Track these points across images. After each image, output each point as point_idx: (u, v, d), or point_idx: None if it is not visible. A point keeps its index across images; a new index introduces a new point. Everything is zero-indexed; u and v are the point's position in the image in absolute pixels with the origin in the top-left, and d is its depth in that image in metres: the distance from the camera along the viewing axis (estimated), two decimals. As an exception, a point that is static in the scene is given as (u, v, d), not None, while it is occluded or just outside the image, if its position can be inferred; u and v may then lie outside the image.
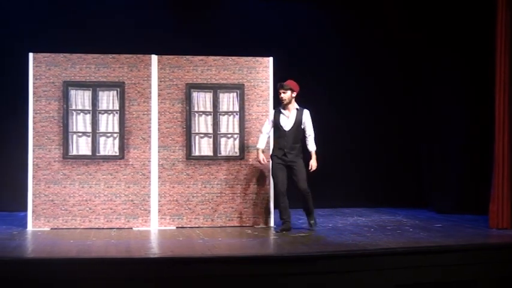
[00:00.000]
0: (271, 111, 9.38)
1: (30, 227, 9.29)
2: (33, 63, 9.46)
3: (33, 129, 9.43)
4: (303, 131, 9.18)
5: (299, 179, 9.11)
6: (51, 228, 9.33)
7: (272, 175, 9.34)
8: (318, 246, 7.83)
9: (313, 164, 9.22)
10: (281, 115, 9.13)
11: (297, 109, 9.15)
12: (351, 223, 9.99)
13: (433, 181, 11.80)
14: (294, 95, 9.09)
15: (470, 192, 11.07)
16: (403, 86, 12.40)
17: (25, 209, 9.53)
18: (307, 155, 9.29)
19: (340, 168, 12.18)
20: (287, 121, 9.10)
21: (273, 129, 9.28)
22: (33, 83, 9.45)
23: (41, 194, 9.39)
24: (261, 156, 9.28)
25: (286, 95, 9.04)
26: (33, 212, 9.36)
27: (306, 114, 9.20)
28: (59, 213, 9.40)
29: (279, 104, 9.24)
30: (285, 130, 9.09)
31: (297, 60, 11.90)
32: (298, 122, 9.11)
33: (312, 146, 9.26)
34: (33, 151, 9.41)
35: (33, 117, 9.44)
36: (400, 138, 12.44)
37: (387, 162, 12.38)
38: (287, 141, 9.06)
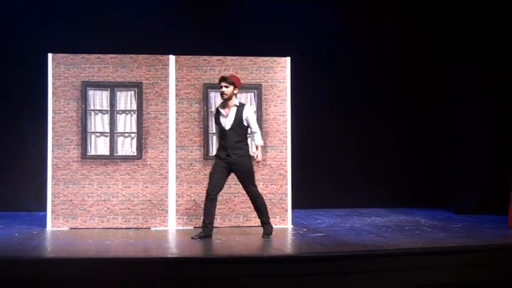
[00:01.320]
0: (214, 112, 8.84)
1: (49, 227, 9.35)
2: (52, 63, 9.51)
3: (52, 129, 9.48)
4: (247, 128, 8.51)
5: (246, 183, 8.50)
6: (70, 228, 9.38)
7: (209, 174, 8.67)
8: (336, 246, 7.80)
9: (258, 155, 8.50)
10: (220, 114, 8.51)
11: (236, 106, 8.45)
12: (368, 223, 9.96)
13: (452, 181, 11.72)
14: (236, 91, 8.48)
15: (491, 192, 11.00)
16: (422, 86, 12.34)
17: (44, 209, 9.58)
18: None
19: (357, 168, 12.17)
20: (226, 120, 8.44)
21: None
22: (53, 83, 9.50)
23: (59, 194, 9.44)
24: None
25: (228, 90, 8.39)
26: (52, 211, 9.41)
27: (247, 110, 8.49)
28: (78, 213, 9.44)
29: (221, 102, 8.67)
30: (225, 129, 8.45)
31: (314, 60, 11.89)
32: (239, 119, 8.39)
33: (258, 141, 8.53)
34: (52, 151, 9.46)
35: (52, 118, 9.49)
36: (419, 138, 12.39)
37: (405, 162, 12.33)
38: (229, 141, 8.39)
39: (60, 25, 11.27)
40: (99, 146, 9.61)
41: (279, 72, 9.90)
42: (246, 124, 8.47)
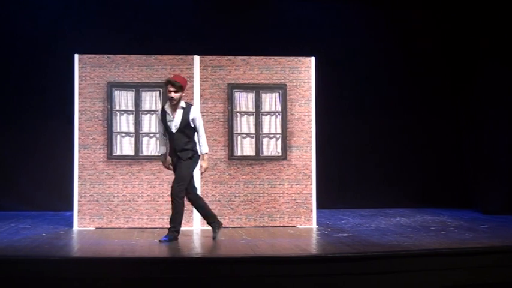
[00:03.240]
0: (159, 112, 8.50)
1: (75, 227, 9.42)
2: (79, 64, 9.59)
3: (79, 129, 9.55)
4: (194, 129, 8.24)
5: (175, 179, 8.19)
6: (96, 228, 9.44)
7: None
8: (361, 246, 7.77)
9: (203, 165, 8.29)
10: (166, 115, 8.20)
11: (183, 107, 8.17)
12: (394, 223, 9.90)
13: (479, 181, 11.62)
14: (184, 94, 8.22)
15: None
16: (447, 85, 12.27)
17: (71, 209, 9.67)
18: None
19: (383, 168, 12.11)
20: (173, 122, 8.16)
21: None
22: (79, 84, 9.57)
23: (86, 194, 9.51)
24: (167, 163, 8.43)
25: (177, 95, 8.08)
26: (78, 211, 9.48)
27: (194, 111, 8.21)
28: (103, 212, 9.50)
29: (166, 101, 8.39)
30: (172, 132, 8.18)
31: (338, 59, 11.85)
32: (186, 120, 8.13)
33: (204, 149, 8.27)
34: (79, 151, 9.53)
35: (79, 118, 9.56)
36: (444, 138, 12.30)
37: (430, 162, 12.25)
38: (177, 144, 8.15)
39: (86, 26, 11.35)
40: (125, 146, 9.67)
41: (303, 72, 9.89)
42: (193, 125, 8.20)
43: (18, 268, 6.68)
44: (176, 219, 8.21)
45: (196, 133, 8.26)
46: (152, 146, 9.71)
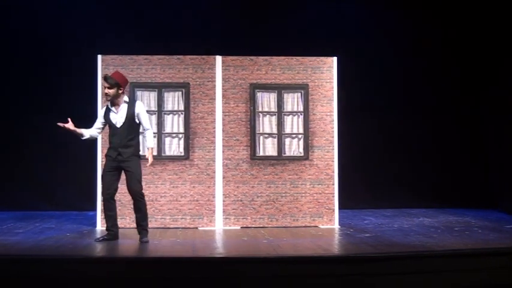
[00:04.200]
0: (103, 109, 8.36)
1: (99, 226, 9.47)
2: (102, 64, 9.64)
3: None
4: (138, 125, 8.17)
5: (131, 180, 8.05)
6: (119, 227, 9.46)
7: (101, 177, 8.51)
8: (384, 247, 7.73)
9: (149, 158, 8.13)
10: (110, 112, 8.13)
11: (126, 102, 8.11)
12: (417, 224, 9.85)
13: (504, 182, 11.51)
14: (121, 91, 8.06)
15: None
16: (470, 85, 12.17)
17: (94, 208, 9.72)
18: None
19: (406, 168, 12.05)
20: (117, 117, 8.07)
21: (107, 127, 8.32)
22: (102, 85, 9.61)
23: (108, 194, 9.55)
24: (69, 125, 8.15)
25: (111, 91, 7.98)
26: (101, 211, 9.50)
27: (139, 106, 8.14)
28: (126, 212, 9.53)
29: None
30: (116, 127, 8.08)
31: (361, 59, 11.81)
32: (131, 116, 8.04)
33: (149, 143, 8.20)
34: (102, 152, 9.57)
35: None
36: (468, 138, 12.21)
37: (454, 162, 12.17)
38: (120, 139, 8.03)
39: (109, 27, 11.41)
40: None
41: (325, 72, 9.87)
42: (137, 121, 8.13)
43: (43, 267, 6.73)
44: (147, 217, 8.21)
45: (142, 129, 8.21)
46: (174, 146, 9.75)
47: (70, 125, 8.15)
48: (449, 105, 12.22)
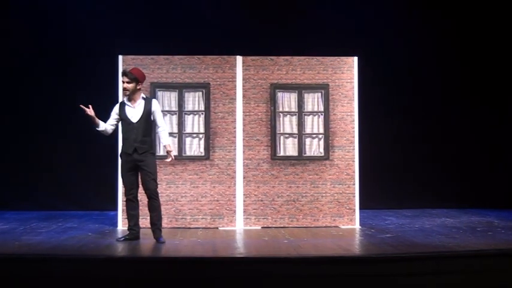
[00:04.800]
0: (117, 104, 8.41)
1: (120, 226, 9.51)
2: (123, 65, 9.68)
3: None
4: (153, 123, 8.27)
5: (147, 179, 8.09)
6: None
7: (121, 177, 8.46)
8: (405, 247, 7.70)
9: (171, 154, 8.23)
10: (126, 107, 8.19)
11: (144, 98, 8.21)
12: (438, 224, 9.79)
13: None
14: (139, 86, 8.16)
15: None
16: (492, 85, 12.08)
17: (115, 208, 9.77)
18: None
19: (427, 168, 11.99)
20: (134, 112, 8.15)
21: (120, 123, 8.41)
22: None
23: (129, 194, 9.60)
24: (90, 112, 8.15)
25: (130, 85, 8.07)
26: (123, 210, 9.56)
27: (155, 104, 8.22)
28: (146, 213, 9.52)
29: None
30: (132, 122, 8.13)
31: (381, 59, 11.77)
32: (147, 112, 8.13)
33: (165, 140, 8.27)
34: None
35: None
36: (490, 138, 12.12)
37: (476, 162, 12.08)
38: (136, 134, 8.08)
39: (129, 26, 11.47)
40: (173, 146, 9.72)
41: (346, 72, 9.85)
42: (152, 118, 8.20)
43: (65, 267, 6.78)
44: (161, 217, 8.25)
45: (156, 127, 8.28)
46: (195, 147, 9.77)
47: (91, 111, 8.16)
48: (470, 106, 12.13)
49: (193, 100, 9.79)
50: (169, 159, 8.28)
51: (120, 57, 9.75)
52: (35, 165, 11.58)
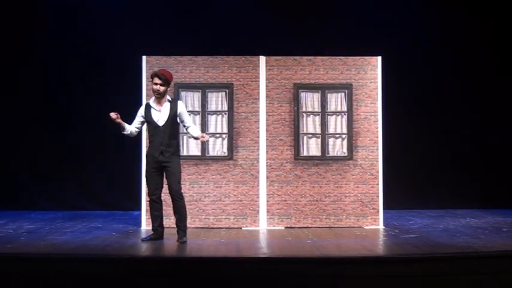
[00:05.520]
0: (142, 106, 8.41)
1: (143, 226, 9.56)
2: (146, 65, 9.74)
3: (147, 130, 9.67)
4: (178, 125, 8.27)
5: (172, 180, 8.09)
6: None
7: (145, 177, 8.43)
8: (429, 247, 7.66)
9: (204, 135, 8.18)
10: (152, 110, 8.18)
11: (169, 101, 8.19)
12: (463, 225, 9.71)
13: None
14: (169, 88, 8.25)
15: None
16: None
17: (139, 208, 9.82)
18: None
19: (451, 168, 11.91)
20: (160, 115, 8.13)
21: (145, 125, 8.44)
22: (147, 85, 9.72)
23: (153, 194, 9.64)
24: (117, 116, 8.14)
25: (163, 88, 8.07)
26: (146, 211, 9.61)
27: (181, 106, 8.23)
28: (170, 213, 9.53)
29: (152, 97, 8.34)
30: (158, 125, 8.12)
31: (406, 58, 11.70)
32: (173, 115, 8.13)
33: (197, 132, 8.26)
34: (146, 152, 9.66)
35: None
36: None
37: (501, 162, 11.97)
38: (163, 138, 8.09)
39: (153, 27, 11.52)
40: (191, 147, 9.76)
41: (369, 72, 9.81)
42: (179, 120, 8.21)
43: (90, 266, 6.83)
44: (186, 218, 8.21)
45: (184, 127, 8.31)
46: (218, 147, 9.79)
47: (118, 118, 8.17)
48: (496, 105, 12.02)
49: (217, 100, 9.81)
50: (206, 138, 8.18)
51: (144, 57, 9.79)
52: (60, 165, 11.67)
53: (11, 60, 11.76)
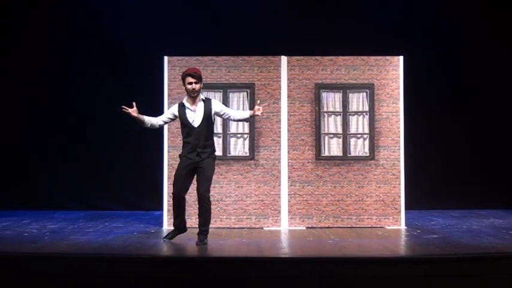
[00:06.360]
0: (176, 105, 8.17)
1: (165, 226, 9.58)
2: (168, 66, 9.77)
3: (168, 130, 9.72)
4: (213, 125, 8.13)
5: (203, 183, 7.89)
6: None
7: (174, 175, 8.14)
8: (452, 248, 7.60)
9: (259, 107, 7.95)
10: (187, 110, 7.95)
11: (203, 100, 7.97)
12: (487, 225, 9.63)
13: None
14: (202, 85, 8.02)
15: None
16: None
17: (161, 208, 9.85)
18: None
19: (474, 168, 11.82)
20: (195, 116, 7.91)
21: (180, 126, 8.19)
22: (168, 86, 9.75)
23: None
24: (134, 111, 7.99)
25: (198, 86, 7.87)
26: (168, 211, 9.64)
27: (216, 104, 8.02)
28: (192, 213, 9.54)
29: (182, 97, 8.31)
30: (194, 127, 7.90)
31: (428, 58, 11.63)
32: (208, 114, 7.91)
33: (246, 112, 8.14)
34: (168, 153, 9.69)
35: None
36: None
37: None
38: (199, 139, 7.87)
39: (175, 28, 11.55)
40: (218, 147, 9.76)
41: (391, 72, 9.77)
42: (213, 120, 8.06)
43: (112, 266, 6.87)
44: (209, 222, 8.04)
45: (229, 120, 8.12)
46: (239, 147, 9.80)
47: (134, 111, 8.03)
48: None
49: (238, 100, 9.82)
50: (260, 110, 7.94)
51: (166, 58, 9.82)
52: (82, 166, 11.74)
53: (35, 61, 11.84)
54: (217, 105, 8.05)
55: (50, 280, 6.76)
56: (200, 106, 7.95)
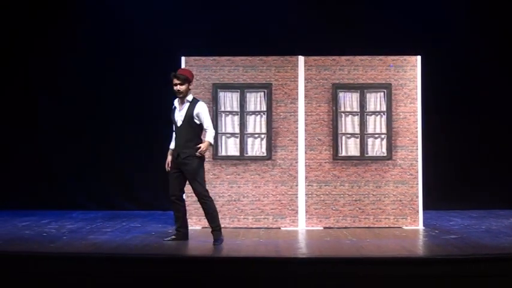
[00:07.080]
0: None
1: (182, 226, 9.60)
2: (185, 66, 9.78)
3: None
4: (199, 126, 8.01)
5: (192, 182, 7.95)
6: (202, 227, 9.56)
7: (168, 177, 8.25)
8: (471, 248, 7.57)
9: (201, 146, 7.86)
10: (175, 110, 8.09)
11: (189, 101, 8.00)
12: (506, 225, 9.57)
13: None
14: (191, 86, 8.09)
15: None
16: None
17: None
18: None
19: (493, 168, 11.73)
20: (179, 115, 8.01)
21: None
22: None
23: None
24: (167, 160, 8.16)
25: (183, 87, 7.93)
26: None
27: (200, 106, 7.97)
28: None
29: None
30: (177, 126, 8.02)
31: (447, 59, 11.56)
32: (189, 115, 7.92)
33: (208, 137, 7.97)
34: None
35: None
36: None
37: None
38: (180, 139, 7.96)
39: (192, 28, 11.56)
40: (230, 147, 9.80)
41: (409, 71, 9.73)
42: (198, 122, 7.98)
43: (129, 265, 6.90)
44: (216, 217, 8.04)
45: (204, 130, 8.04)
46: (257, 147, 9.80)
47: (170, 161, 8.13)
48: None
49: (255, 100, 9.83)
50: (198, 151, 7.87)
51: (183, 58, 9.85)
52: (101, 166, 11.80)
53: (56, 60, 11.90)
54: (199, 109, 7.98)
55: (68, 280, 6.80)
56: (185, 106, 8.01)
